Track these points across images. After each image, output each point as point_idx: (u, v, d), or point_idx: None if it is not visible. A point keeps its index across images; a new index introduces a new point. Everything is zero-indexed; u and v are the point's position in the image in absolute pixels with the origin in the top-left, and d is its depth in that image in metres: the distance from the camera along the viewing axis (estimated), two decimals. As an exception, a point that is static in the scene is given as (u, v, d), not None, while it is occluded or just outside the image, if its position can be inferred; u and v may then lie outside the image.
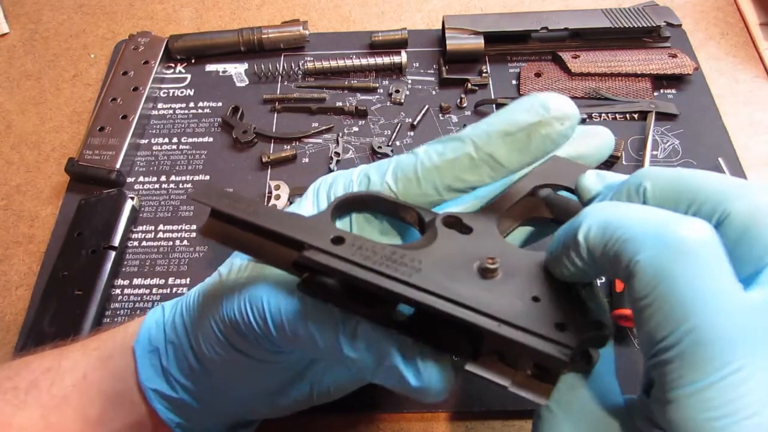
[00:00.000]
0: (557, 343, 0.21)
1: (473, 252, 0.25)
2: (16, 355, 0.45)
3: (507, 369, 0.23)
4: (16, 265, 0.52)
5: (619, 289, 0.45)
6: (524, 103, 0.27)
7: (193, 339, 0.32)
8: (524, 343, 0.21)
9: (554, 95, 0.26)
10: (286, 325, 0.27)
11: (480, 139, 0.27)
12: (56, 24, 0.70)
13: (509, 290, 0.23)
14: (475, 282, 0.24)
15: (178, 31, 0.66)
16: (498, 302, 0.22)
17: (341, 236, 0.25)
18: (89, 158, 0.54)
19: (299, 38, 0.63)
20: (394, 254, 0.24)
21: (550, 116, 0.26)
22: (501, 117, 0.27)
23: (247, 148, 0.57)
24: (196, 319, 0.32)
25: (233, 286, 0.30)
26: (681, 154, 0.55)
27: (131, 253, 0.51)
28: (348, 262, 0.24)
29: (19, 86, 0.64)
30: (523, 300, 0.23)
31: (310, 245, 0.25)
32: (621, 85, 0.59)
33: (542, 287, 0.23)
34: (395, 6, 0.70)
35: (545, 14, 0.62)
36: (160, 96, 0.62)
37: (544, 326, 0.21)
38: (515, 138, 0.26)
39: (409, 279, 0.23)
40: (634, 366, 0.44)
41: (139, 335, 0.34)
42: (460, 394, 0.43)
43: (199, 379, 0.33)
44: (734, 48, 0.64)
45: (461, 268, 0.24)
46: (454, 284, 0.23)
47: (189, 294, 0.34)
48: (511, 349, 0.22)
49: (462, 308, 0.22)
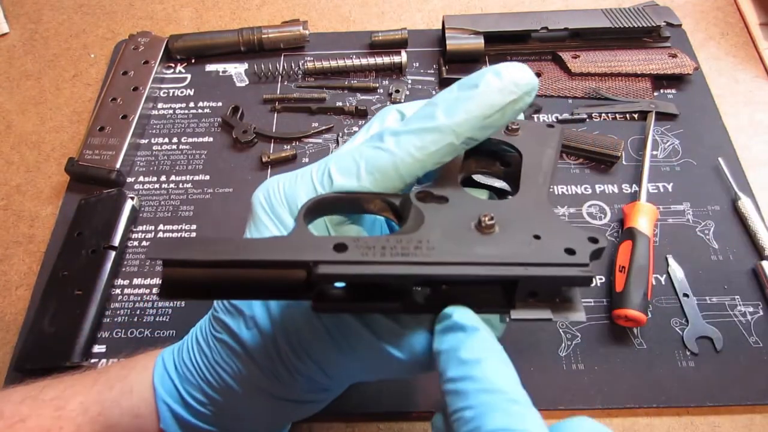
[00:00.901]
0: (576, 265, 0.23)
1: (463, 216, 0.26)
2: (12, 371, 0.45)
3: (541, 305, 0.25)
4: (16, 265, 0.52)
5: (618, 288, 0.45)
6: (494, 83, 0.27)
7: (226, 402, 0.31)
8: (554, 275, 0.23)
9: (514, 66, 0.28)
10: (333, 356, 0.27)
11: (461, 128, 0.28)
12: (56, 24, 0.70)
13: (513, 238, 0.25)
14: (481, 241, 0.25)
15: (178, 31, 0.66)
16: (512, 250, 0.24)
17: (341, 243, 0.24)
18: (89, 158, 0.54)
19: (299, 38, 0.63)
20: (400, 243, 0.25)
21: (522, 92, 0.27)
22: (478, 101, 0.27)
23: (247, 148, 0.57)
24: (219, 378, 0.31)
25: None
26: (681, 154, 0.55)
27: (131, 253, 0.51)
28: (366, 264, 0.23)
29: (19, 86, 0.64)
30: (528, 241, 0.25)
31: (319, 261, 0.23)
32: (621, 85, 0.59)
33: (537, 226, 0.26)
34: (395, 6, 0.70)
35: (545, 14, 0.62)
36: (160, 96, 0.62)
37: (560, 255, 0.24)
38: (492, 119, 0.28)
39: (431, 259, 0.24)
40: (635, 366, 0.44)
41: (161, 414, 0.32)
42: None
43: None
44: (734, 48, 0.64)
45: (463, 233, 0.25)
46: (469, 249, 0.24)
47: (187, 351, 0.33)
48: (543, 285, 0.24)
49: (491, 266, 0.24)
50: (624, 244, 0.47)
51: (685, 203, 0.52)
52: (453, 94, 0.28)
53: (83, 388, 0.34)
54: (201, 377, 0.32)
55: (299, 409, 0.33)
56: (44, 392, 0.34)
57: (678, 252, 0.49)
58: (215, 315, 0.32)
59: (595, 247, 0.24)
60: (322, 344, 0.28)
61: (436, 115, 0.28)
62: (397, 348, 0.27)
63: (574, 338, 0.45)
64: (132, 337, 0.47)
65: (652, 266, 0.46)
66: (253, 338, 0.30)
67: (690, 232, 0.50)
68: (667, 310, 0.46)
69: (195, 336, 0.33)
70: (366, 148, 0.29)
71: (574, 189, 0.53)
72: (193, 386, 0.32)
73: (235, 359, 0.30)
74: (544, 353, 0.45)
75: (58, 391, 0.34)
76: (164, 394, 0.32)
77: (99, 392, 0.34)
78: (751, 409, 0.43)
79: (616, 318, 0.45)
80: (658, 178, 0.54)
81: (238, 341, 0.30)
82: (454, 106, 0.28)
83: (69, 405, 0.33)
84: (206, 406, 0.32)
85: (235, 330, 0.30)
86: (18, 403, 0.33)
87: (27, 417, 0.32)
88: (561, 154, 0.55)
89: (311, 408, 0.34)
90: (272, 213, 0.30)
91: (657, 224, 0.51)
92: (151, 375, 0.33)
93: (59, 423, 0.32)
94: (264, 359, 0.30)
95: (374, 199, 0.29)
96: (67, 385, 0.34)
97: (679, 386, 0.43)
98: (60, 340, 0.45)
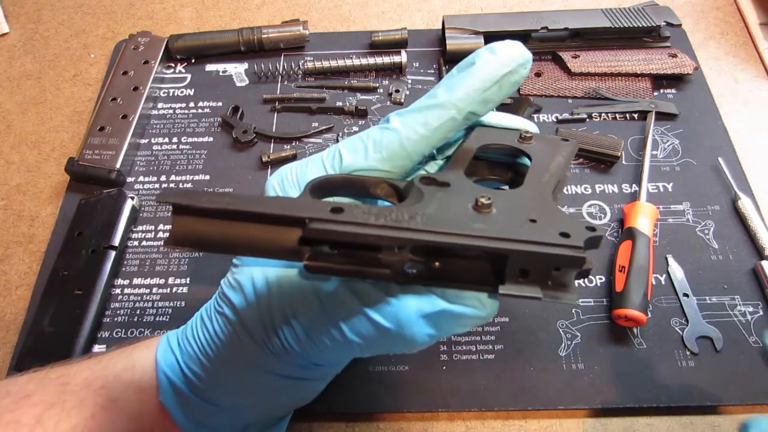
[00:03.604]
0: (570, 246, 0.23)
1: (462, 198, 0.27)
2: (12, 371, 0.45)
3: (531, 284, 0.25)
4: (16, 264, 0.52)
5: (618, 288, 0.45)
6: (489, 59, 0.30)
7: (222, 375, 0.32)
8: (545, 252, 0.23)
9: (507, 43, 0.30)
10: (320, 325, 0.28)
11: (462, 102, 0.29)
12: (56, 24, 0.70)
13: (508, 219, 0.25)
14: (476, 218, 0.25)
15: (178, 30, 0.66)
16: (504, 228, 0.24)
17: (339, 206, 0.25)
18: (89, 158, 0.54)
19: (299, 38, 0.63)
20: (396, 211, 0.25)
21: (516, 64, 0.30)
22: (476, 76, 0.30)
23: (247, 147, 0.57)
24: (221, 357, 0.32)
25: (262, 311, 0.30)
26: (681, 154, 0.55)
27: (131, 252, 0.51)
28: (358, 224, 0.24)
29: (19, 86, 0.64)
30: (523, 224, 0.25)
31: (313, 218, 0.24)
32: (621, 85, 0.59)
33: (533, 211, 0.26)
34: (395, 6, 0.70)
35: (545, 14, 0.62)
36: (160, 96, 0.62)
37: (554, 237, 0.24)
38: (490, 92, 0.30)
39: (427, 227, 0.24)
40: (635, 366, 0.44)
41: (161, 385, 0.33)
42: (460, 394, 0.43)
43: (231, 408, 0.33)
44: (734, 48, 0.64)
45: (459, 210, 0.26)
46: (463, 223, 0.25)
47: (191, 328, 0.34)
48: (534, 263, 0.24)
49: (482, 239, 0.24)
50: (624, 244, 0.47)
51: (685, 203, 0.52)
52: (453, 74, 0.31)
53: (88, 366, 0.35)
54: (200, 350, 0.32)
55: (293, 389, 0.33)
56: (50, 372, 0.35)
57: (678, 252, 0.49)
58: (220, 291, 0.33)
59: (591, 234, 0.24)
60: (312, 312, 0.28)
61: (438, 93, 0.30)
62: (383, 317, 0.27)
63: (574, 338, 0.45)
64: (132, 337, 0.47)
65: (652, 266, 0.46)
66: (249, 308, 0.30)
67: (690, 232, 0.50)
68: (667, 310, 0.46)
69: (200, 314, 0.34)
70: (373, 129, 0.31)
71: (574, 189, 0.53)
72: (192, 359, 0.32)
73: (230, 327, 0.31)
74: (544, 353, 0.45)
75: (63, 369, 0.35)
76: (165, 366, 0.33)
77: (103, 368, 0.34)
78: (751, 409, 0.43)
79: (616, 318, 0.45)
80: (658, 177, 0.54)
81: (236, 312, 0.31)
82: (454, 83, 0.30)
83: (73, 381, 0.34)
84: (203, 380, 0.32)
85: (234, 302, 0.31)
86: (24, 383, 0.34)
87: (33, 393, 0.33)
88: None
89: (305, 389, 0.34)
90: (281, 190, 0.31)
91: (657, 224, 0.51)
92: (154, 351, 0.34)
93: (63, 397, 0.33)
94: (258, 330, 0.30)
95: (381, 184, 0.29)
96: (72, 364, 0.35)
97: (679, 386, 0.43)
98: (60, 340, 0.45)
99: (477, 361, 0.45)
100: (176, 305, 0.48)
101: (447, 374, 0.44)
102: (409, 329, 0.27)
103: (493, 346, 0.45)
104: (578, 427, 0.43)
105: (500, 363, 0.44)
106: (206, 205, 0.24)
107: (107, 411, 0.33)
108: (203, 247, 0.25)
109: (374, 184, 0.29)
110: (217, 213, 0.24)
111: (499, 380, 0.44)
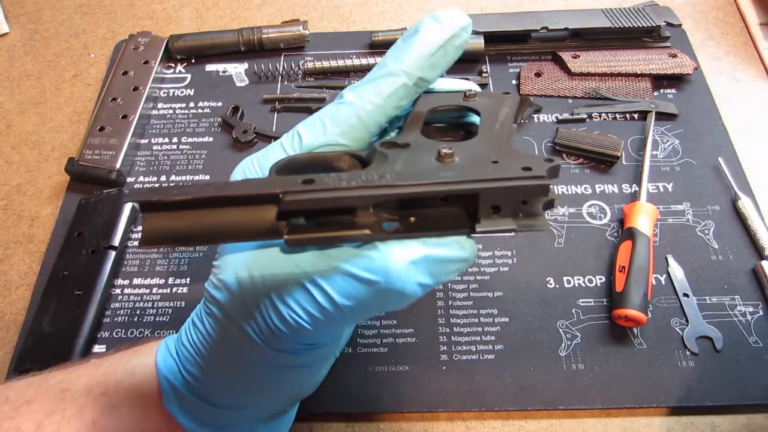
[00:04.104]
0: (533, 177, 0.25)
1: (425, 153, 0.28)
2: (11, 371, 0.45)
3: (504, 218, 0.26)
4: (16, 264, 0.52)
5: (618, 288, 0.45)
6: (432, 25, 0.31)
7: (218, 374, 0.32)
8: (514, 185, 0.25)
9: (449, 9, 0.31)
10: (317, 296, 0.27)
11: (411, 69, 0.31)
12: (56, 24, 0.70)
13: (472, 164, 0.27)
14: (443, 168, 0.27)
15: (178, 30, 0.66)
16: (471, 172, 0.26)
17: (309, 178, 0.25)
18: (89, 158, 0.54)
19: (299, 38, 0.63)
20: (365, 174, 0.26)
21: (459, 28, 0.31)
22: (421, 42, 0.31)
23: (247, 148, 0.57)
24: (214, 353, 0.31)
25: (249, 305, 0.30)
26: (681, 154, 0.55)
27: (131, 253, 0.51)
28: (332, 190, 0.24)
29: (19, 86, 0.64)
30: (485, 165, 0.27)
31: (287, 191, 0.24)
32: (621, 85, 0.59)
33: (494, 155, 0.28)
34: (395, 6, 0.70)
35: (545, 14, 0.62)
36: (160, 96, 0.62)
37: (517, 172, 0.26)
38: (436, 56, 0.31)
39: (399, 182, 0.25)
40: (635, 366, 0.44)
41: (164, 391, 0.33)
42: (460, 394, 0.43)
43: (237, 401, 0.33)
44: (734, 48, 0.64)
45: (425, 164, 0.27)
46: (430, 174, 0.26)
47: (185, 332, 0.33)
48: (503, 198, 0.25)
49: (451, 184, 0.25)
50: (624, 244, 0.47)
51: (685, 203, 0.52)
52: (399, 45, 0.32)
53: (87, 372, 0.34)
54: (195, 351, 0.32)
55: (292, 378, 0.33)
56: (49, 377, 0.34)
57: (678, 252, 0.49)
58: (206, 294, 0.32)
59: (551, 164, 0.26)
60: (296, 286, 0.28)
61: (387, 63, 0.31)
62: (370, 271, 0.26)
63: (574, 338, 0.45)
64: (132, 337, 0.47)
65: (652, 266, 0.46)
66: (234, 301, 0.30)
67: (690, 232, 0.50)
68: (667, 310, 0.46)
69: (191, 318, 0.34)
70: (329, 106, 0.32)
71: (574, 189, 0.53)
72: (189, 362, 0.32)
73: (219, 326, 0.31)
74: (544, 353, 0.45)
75: (62, 375, 0.34)
76: (166, 371, 0.33)
77: (103, 374, 0.34)
78: (751, 409, 0.43)
79: (616, 318, 0.45)
80: (658, 178, 0.54)
81: (223, 309, 0.30)
82: (401, 52, 0.31)
83: (73, 387, 0.33)
84: (200, 381, 0.32)
85: (221, 300, 0.30)
86: (23, 388, 0.34)
87: (32, 400, 0.33)
88: (561, 154, 0.56)
89: (304, 377, 0.34)
90: (244, 176, 0.32)
91: (657, 224, 0.51)
92: (154, 357, 0.34)
93: (63, 404, 0.32)
94: (244, 319, 0.30)
95: (343, 156, 0.30)
96: (71, 369, 0.35)
97: (679, 386, 0.43)
98: (60, 340, 0.45)
99: (477, 361, 0.45)
100: (176, 305, 0.48)
101: (447, 374, 0.44)
102: (398, 279, 0.26)
103: (493, 346, 0.45)
104: (578, 427, 0.43)
105: (500, 363, 0.44)
106: (176, 197, 0.24)
107: (108, 417, 0.33)
108: (178, 241, 0.25)
109: (337, 158, 0.30)
110: (187, 204, 0.24)
111: (499, 380, 0.44)
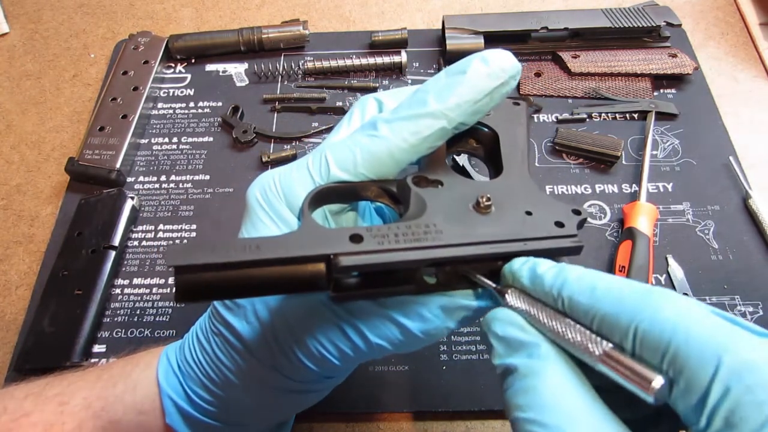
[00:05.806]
0: (566, 236, 0.26)
1: (460, 198, 0.28)
2: (11, 371, 0.45)
3: None
4: (16, 264, 0.52)
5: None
6: (481, 69, 0.29)
7: (231, 399, 0.32)
8: (550, 247, 0.25)
9: (499, 53, 0.29)
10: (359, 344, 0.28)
11: (453, 113, 0.29)
12: (56, 24, 0.70)
13: (508, 216, 0.27)
14: (481, 221, 0.27)
15: (178, 30, 0.66)
16: (510, 228, 0.26)
17: (356, 233, 0.24)
18: (89, 158, 0.54)
19: (299, 38, 0.63)
20: (410, 228, 0.25)
21: (508, 76, 0.29)
22: (468, 86, 0.29)
23: (247, 147, 0.57)
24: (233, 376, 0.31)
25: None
26: (681, 154, 0.55)
27: (131, 252, 0.51)
28: (384, 252, 0.24)
29: (19, 86, 0.64)
30: (522, 218, 0.27)
31: (338, 254, 0.23)
32: (621, 85, 0.59)
33: (526, 202, 0.28)
34: (395, 6, 0.70)
35: (545, 14, 0.62)
36: (160, 96, 0.62)
37: (551, 229, 0.26)
38: (481, 103, 0.29)
39: (441, 242, 0.25)
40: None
41: (166, 409, 0.32)
42: (460, 394, 0.43)
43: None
44: (734, 48, 0.64)
45: (463, 214, 0.27)
46: (472, 229, 0.26)
47: (189, 348, 0.33)
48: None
49: (495, 245, 0.25)
50: (624, 243, 0.47)
51: (685, 203, 0.52)
52: (442, 81, 0.29)
53: (86, 384, 0.34)
54: (203, 373, 0.32)
55: (303, 399, 0.33)
56: (47, 388, 0.34)
57: (678, 252, 0.49)
58: (213, 311, 0.32)
59: (579, 218, 0.27)
60: (327, 325, 0.28)
61: (428, 101, 0.29)
62: (406, 316, 0.28)
63: (574, 338, 0.45)
64: (132, 337, 0.47)
65: (652, 266, 0.46)
66: (251, 331, 0.30)
67: (690, 232, 0.50)
68: (667, 309, 0.46)
69: (195, 333, 0.33)
70: (361, 136, 0.30)
71: (574, 189, 0.53)
72: (195, 382, 0.32)
73: (234, 353, 0.31)
74: (544, 353, 0.45)
75: (61, 387, 0.34)
76: (169, 389, 0.32)
77: (102, 388, 0.34)
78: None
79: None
80: (657, 177, 0.54)
81: (236, 335, 0.30)
82: (445, 91, 0.29)
83: (72, 401, 0.33)
84: (209, 402, 0.32)
85: (233, 324, 0.30)
86: (21, 399, 0.33)
87: (31, 412, 0.32)
88: (561, 154, 0.56)
89: (315, 397, 0.34)
90: (270, 209, 0.30)
91: (657, 224, 0.51)
92: (155, 372, 0.33)
93: (62, 418, 0.32)
94: (263, 352, 0.30)
95: (371, 186, 0.30)
96: (70, 381, 0.35)
97: (679, 386, 0.43)
98: (60, 340, 0.45)
99: (477, 361, 0.45)
100: (176, 305, 0.48)
101: (447, 374, 0.44)
102: (437, 330, 0.28)
103: (493, 346, 0.45)
104: (578, 427, 0.43)
105: (500, 363, 0.44)
106: (219, 259, 0.22)
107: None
108: (218, 296, 0.25)
109: (364, 188, 0.30)
110: (232, 266, 0.23)
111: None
